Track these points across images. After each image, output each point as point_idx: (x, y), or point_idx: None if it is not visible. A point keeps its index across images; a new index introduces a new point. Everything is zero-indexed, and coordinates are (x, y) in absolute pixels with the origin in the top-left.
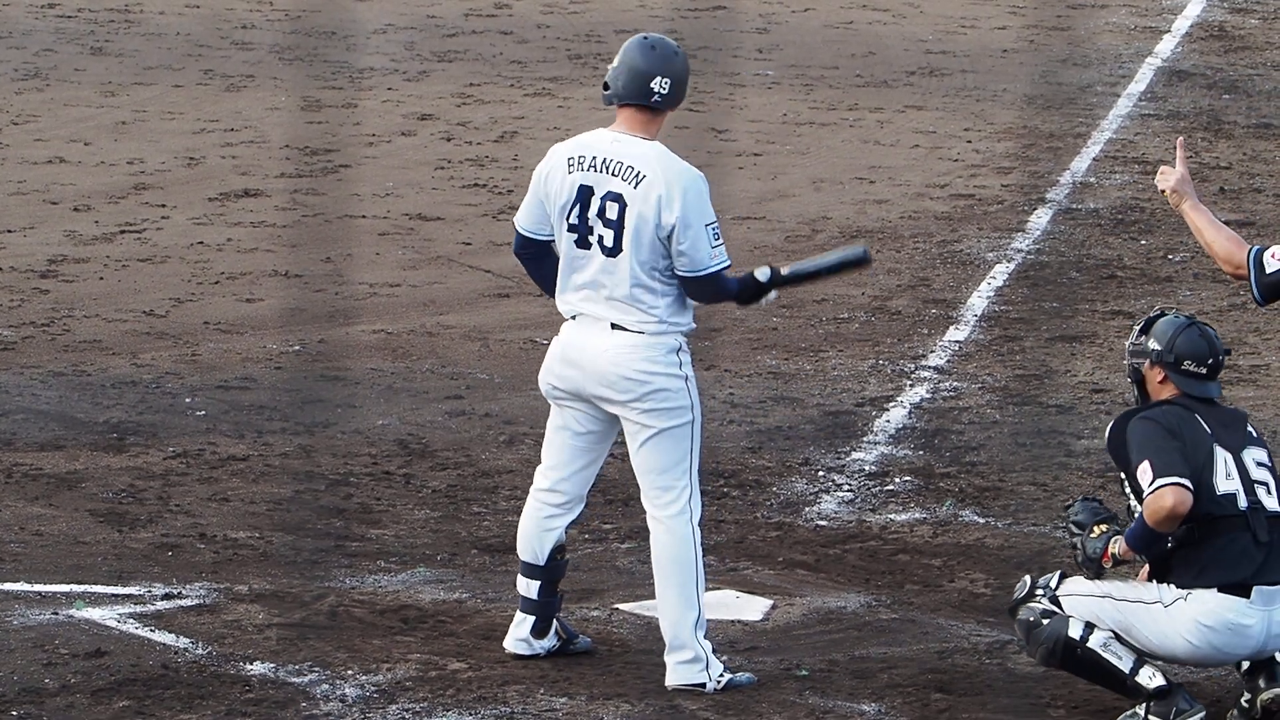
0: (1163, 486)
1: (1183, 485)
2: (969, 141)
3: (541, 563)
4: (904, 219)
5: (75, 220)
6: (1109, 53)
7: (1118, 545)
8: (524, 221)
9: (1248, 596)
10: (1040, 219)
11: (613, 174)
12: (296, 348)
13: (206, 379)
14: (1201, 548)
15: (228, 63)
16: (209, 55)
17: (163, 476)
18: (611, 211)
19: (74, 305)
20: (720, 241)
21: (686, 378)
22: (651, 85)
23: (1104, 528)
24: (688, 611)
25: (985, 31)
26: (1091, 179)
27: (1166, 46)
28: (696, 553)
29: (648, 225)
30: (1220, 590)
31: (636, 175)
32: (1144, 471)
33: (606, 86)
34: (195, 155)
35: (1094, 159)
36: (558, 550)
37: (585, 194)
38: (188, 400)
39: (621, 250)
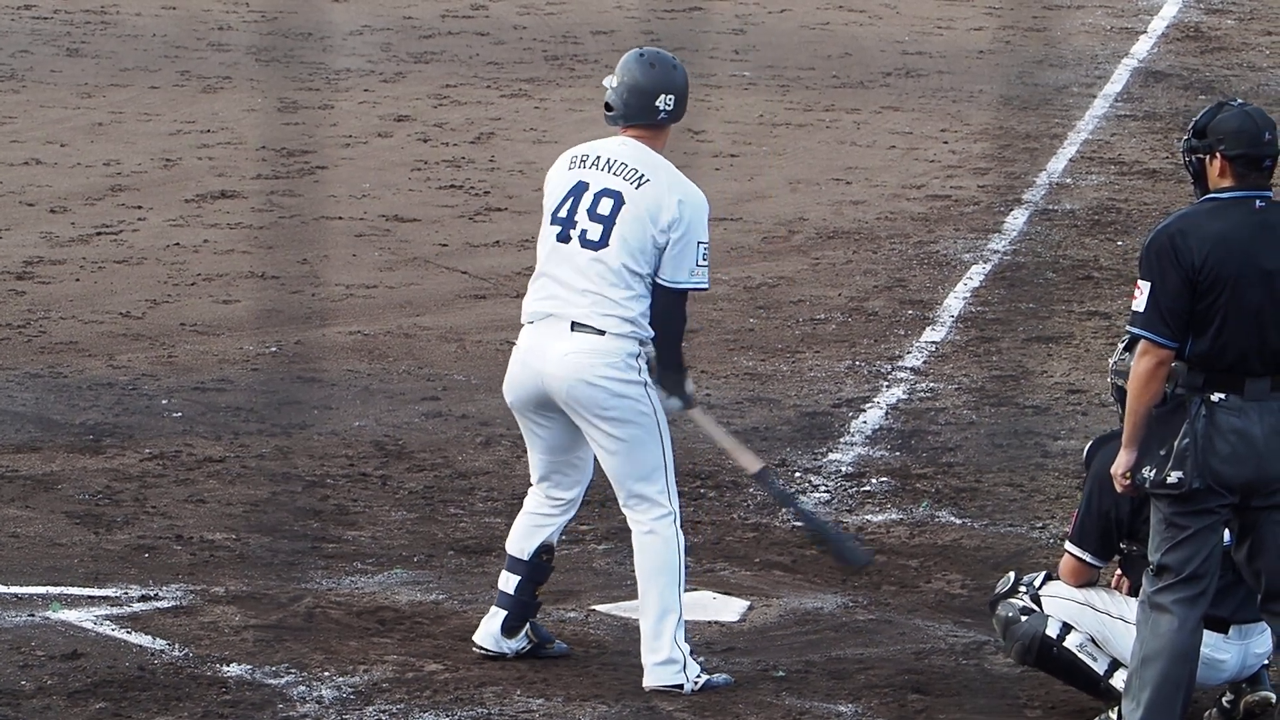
0: (1069, 555)
1: (1085, 563)
2: (945, 142)
3: (525, 559)
4: (880, 220)
5: (51, 222)
6: (1085, 54)
7: None
8: None
9: (1225, 632)
10: (1016, 220)
11: (614, 173)
12: (273, 349)
13: (183, 380)
14: None
15: (204, 64)
16: (185, 57)
17: (139, 478)
18: (604, 207)
19: (50, 307)
20: (706, 264)
21: (646, 384)
22: (656, 104)
23: None
24: (668, 614)
25: (961, 33)
26: (1068, 180)
27: (1142, 47)
28: (680, 556)
29: (643, 227)
30: None
31: (640, 177)
32: (1073, 522)
33: (609, 108)
34: (171, 157)
35: (1070, 160)
36: (544, 550)
37: (580, 189)
38: (164, 402)
39: (608, 246)
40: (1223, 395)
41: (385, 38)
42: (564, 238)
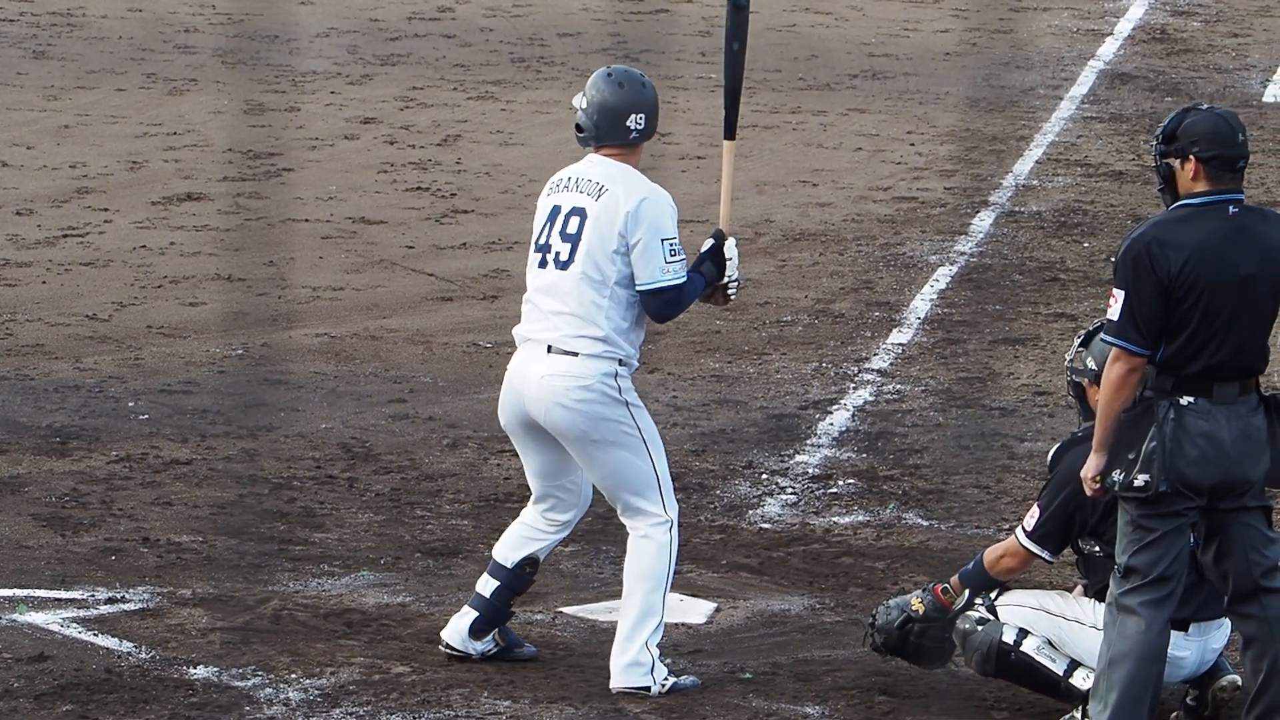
0: (1023, 548)
1: (1039, 557)
2: (912, 144)
3: (508, 566)
4: (847, 222)
5: (18, 224)
6: (1051, 55)
7: (950, 582)
8: None
9: (1185, 630)
10: (983, 221)
11: (581, 191)
12: (239, 351)
13: (149, 383)
14: None
15: (170, 66)
16: (151, 59)
17: (106, 480)
18: (572, 226)
19: (16, 309)
20: (677, 258)
21: (628, 403)
22: (627, 124)
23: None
24: (648, 618)
25: (928, 35)
26: (1034, 182)
27: (1109, 49)
28: (670, 563)
29: (603, 237)
30: None
31: (600, 189)
32: (1031, 516)
33: (580, 129)
34: (138, 159)
35: (1036, 161)
36: (528, 562)
37: (554, 214)
38: (130, 404)
39: (574, 262)
40: (1191, 399)
41: (351, 40)
42: (542, 263)
